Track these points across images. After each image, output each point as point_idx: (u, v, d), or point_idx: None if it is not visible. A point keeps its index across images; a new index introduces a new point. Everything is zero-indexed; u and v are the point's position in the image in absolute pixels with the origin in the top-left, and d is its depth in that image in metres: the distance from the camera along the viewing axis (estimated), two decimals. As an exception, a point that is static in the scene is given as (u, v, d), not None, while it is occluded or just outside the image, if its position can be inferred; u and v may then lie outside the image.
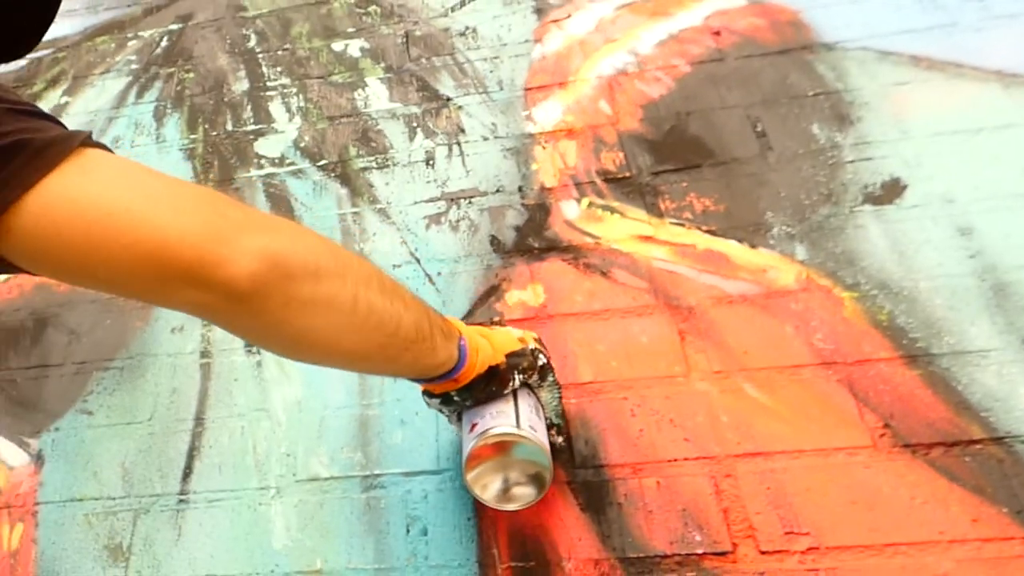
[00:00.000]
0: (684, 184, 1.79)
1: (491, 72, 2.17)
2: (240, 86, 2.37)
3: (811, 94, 1.85)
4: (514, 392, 1.31)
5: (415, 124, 2.11)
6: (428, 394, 1.26)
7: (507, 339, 1.29)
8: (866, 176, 1.69)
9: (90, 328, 1.90)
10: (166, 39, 2.60)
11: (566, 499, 1.43)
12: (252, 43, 2.49)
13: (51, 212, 0.71)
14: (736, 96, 1.90)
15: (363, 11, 2.46)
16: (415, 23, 2.37)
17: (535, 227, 1.81)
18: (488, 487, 1.32)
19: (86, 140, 0.76)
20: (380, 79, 2.25)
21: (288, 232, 0.84)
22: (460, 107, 2.11)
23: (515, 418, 1.26)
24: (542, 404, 1.38)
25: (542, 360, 1.32)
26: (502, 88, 2.12)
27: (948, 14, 1.90)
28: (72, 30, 2.73)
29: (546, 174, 1.90)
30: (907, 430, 1.37)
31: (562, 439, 1.44)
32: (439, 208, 1.91)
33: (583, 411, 1.53)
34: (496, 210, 1.87)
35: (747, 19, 2.05)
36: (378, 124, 2.13)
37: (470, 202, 1.90)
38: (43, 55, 2.65)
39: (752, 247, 1.66)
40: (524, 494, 1.34)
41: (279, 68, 2.38)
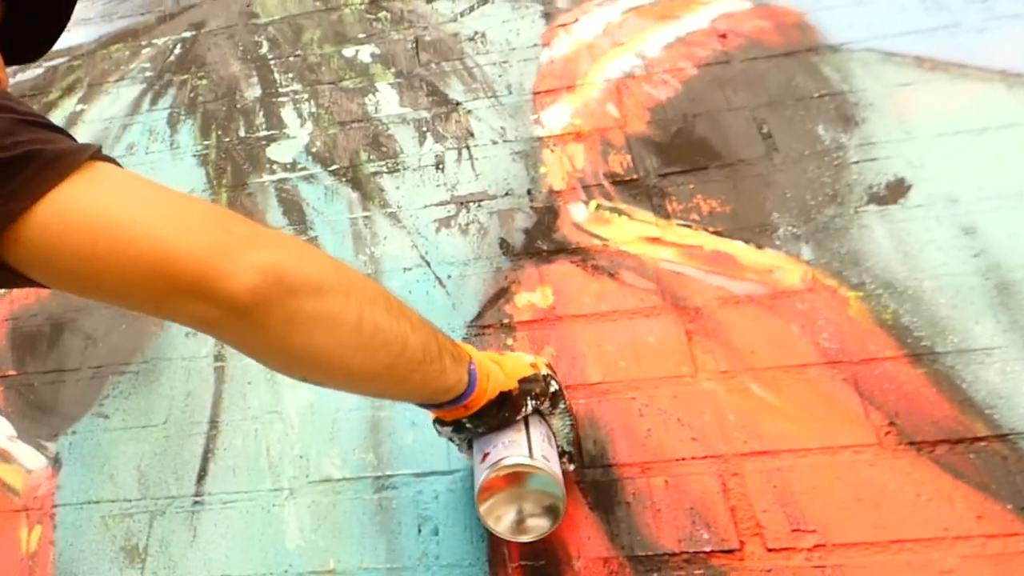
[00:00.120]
0: (691, 186, 1.79)
1: (500, 76, 2.17)
2: (252, 92, 2.38)
3: (816, 95, 1.85)
4: (526, 419, 1.29)
5: (425, 129, 2.11)
6: (439, 422, 1.23)
7: (519, 364, 1.27)
8: (871, 176, 1.70)
9: (106, 333, 1.91)
10: (179, 47, 2.62)
11: (575, 498, 1.44)
12: (264, 50, 2.50)
13: (59, 223, 0.71)
14: (742, 98, 1.90)
15: (373, 17, 2.47)
16: (425, 28, 2.38)
17: (544, 230, 1.82)
18: (502, 519, 1.29)
19: (96, 153, 0.77)
20: (390, 84, 2.26)
21: (292, 248, 0.84)
22: (469, 111, 2.12)
23: (528, 447, 1.24)
24: (554, 432, 1.36)
25: (554, 387, 1.30)
26: (511, 92, 2.13)
27: (952, 15, 1.90)
28: (87, 38, 2.75)
29: (554, 177, 1.91)
30: (912, 428, 1.38)
31: (574, 467, 1.43)
32: (449, 211, 1.92)
33: (592, 411, 1.54)
34: (505, 213, 1.88)
35: (753, 21, 2.06)
36: (388, 129, 2.15)
37: (479, 205, 1.91)
38: (58, 63, 2.67)
39: (758, 248, 1.66)
40: (538, 526, 1.31)
41: (291, 74, 2.40)
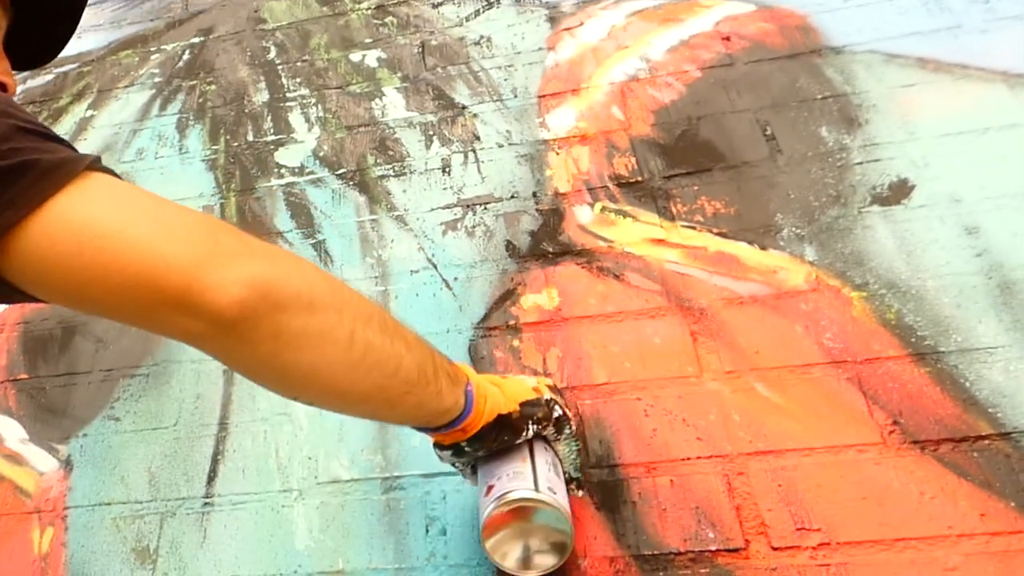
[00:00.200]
0: (695, 188, 1.80)
1: (505, 80, 2.18)
2: (260, 97, 2.40)
3: (819, 97, 1.86)
4: (530, 446, 1.27)
5: (431, 132, 2.13)
6: (439, 446, 1.20)
7: (520, 388, 1.24)
8: (874, 177, 1.70)
9: (116, 336, 1.93)
10: (188, 52, 2.64)
11: (581, 498, 1.45)
12: (272, 55, 2.52)
13: (51, 233, 0.70)
14: (746, 100, 1.91)
15: (380, 22, 2.49)
16: (431, 33, 2.40)
17: (549, 232, 1.83)
18: (508, 555, 1.26)
19: (93, 163, 0.76)
20: (397, 88, 2.28)
21: (283, 262, 0.82)
22: (475, 115, 2.13)
23: (533, 480, 1.20)
24: (560, 458, 1.34)
25: (558, 411, 1.28)
26: (516, 96, 2.14)
27: (954, 16, 1.90)
28: (96, 44, 2.77)
29: (560, 180, 1.92)
30: (916, 427, 1.38)
31: (582, 493, 1.42)
32: (455, 214, 1.93)
33: (597, 412, 1.54)
34: (511, 216, 1.89)
35: (756, 24, 2.06)
36: (395, 133, 2.16)
37: (486, 208, 1.92)
38: (68, 69, 2.70)
39: (762, 249, 1.67)
40: (545, 563, 1.27)
41: (298, 79, 2.41)
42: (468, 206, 1.94)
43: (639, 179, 1.86)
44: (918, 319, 1.50)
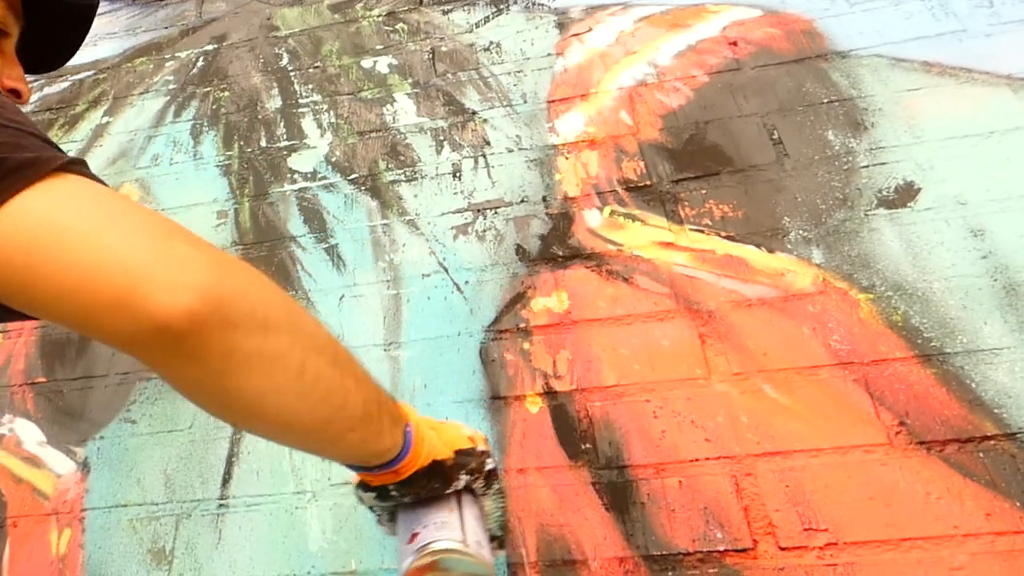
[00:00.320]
0: (703, 191, 1.81)
1: (515, 86, 2.20)
2: (273, 103, 2.41)
3: (826, 101, 1.87)
4: (458, 497, 1.15)
5: (442, 138, 2.14)
6: (363, 487, 1.08)
7: (457, 435, 1.14)
8: (880, 180, 1.71)
9: (132, 340, 1.94)
10: (202, 59, 2.66)
11: (591, 499, 1.47)
12: (284, 62, 2.54)
13: (5, 230, 0.66)
14: (753, 104, 1.92)
15: (391, 29, 2.50)
16: (441, 39, 2.41)
17: (559, 236, 1.84)
18: None
19: (68, 164, 0.73)
20: (408, 94, 2.29)
21: (241, 274, 0.76)
22: (485, 120, 2.14)
23: (461, 530, 1.11)
24: (485, 514, 1.22)
25: (490, 464, 1.17)
26: (526, 101, 2.15)
27: (958, 21, 1.91)
28: (112, 52, 2.79)
29: (569, 184, 1.93)
30: (922, 427, 1.39)
31: (503, 552, 1.33)
32: (466, 219, 1.95)
33: (607, 414, 1.56)
34: (521, 220, 1.90)
35: (763, 29, 2.07)
36: (406, 138, 2.17)
37: (496, 212, 1.93)
38: (84, 77, 2.72)
39: (770, 252, 1.68)
40: None
41: (311, 85, 2.43)
42: (479, 210, 1.95)
43: (648, 183, 1.87)
44: (924, 321, 1.51)
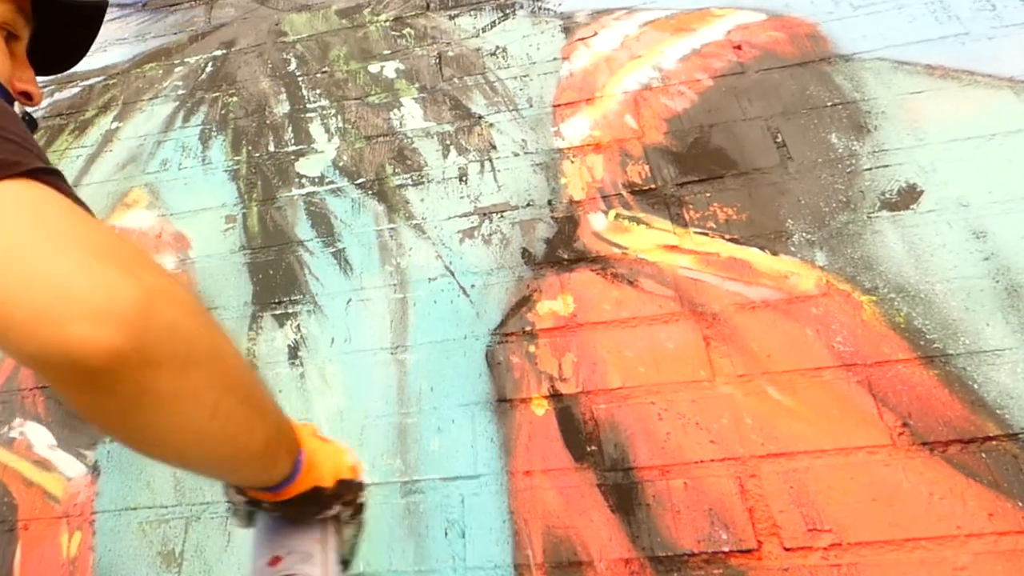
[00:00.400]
0: (708, 194, 1.82)
1: (521, 90, 2.20)
2: (281, 108, 2.43)
3: (829, 104, 1.87)
4: (325, 525, 1.10)
5: (448, 142, 2.15)
6: (237, 489, 1.00)
7: (342, 464, 1.06)
8: (883, 183, 1.72)
9: (142, 344, 1.95)
10: (211, 65, 2.67)
11: (597, 501, 1.48)
12: (292, 67, 2.55)
13: None
14: (757, 108, 1.93)
15: (398, 34, 2.51)
16: (447, 44, 2.42)
17: (564, 239, 1.85)
18: None
19: (32, 171, 0.67)
20: (414, 99, 2.30)
21: (173, 309, 0.68)
22: (491, 124, 2.15)
23: (323, 566, 1.05)
24: (344, 540, 1.16)
25: (363, 499, 1.13)
26: (531, 105, 2.16)
27: (961, 24, 1.92)
28: (122, 58, 2.81)
29: (574, 188, 1.93)
30: (925, 428, 1.40)
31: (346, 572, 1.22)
32: (472, 223, 1.95)
33: (612, 416, 1.57)
34: (527, 223, 1.91)
35: (767, 33, 2.08)
36: (413, 143, 2.18)
37: (502, 216, 1.94)
38: (94, 82, 2.74)
39: (774, 254, 1.69)
40: None
41: (318, 90, 2.44)
42: (485, 214, 1.96)
43: (652, 186, 1.87)
44: (927, 322, 1.52)
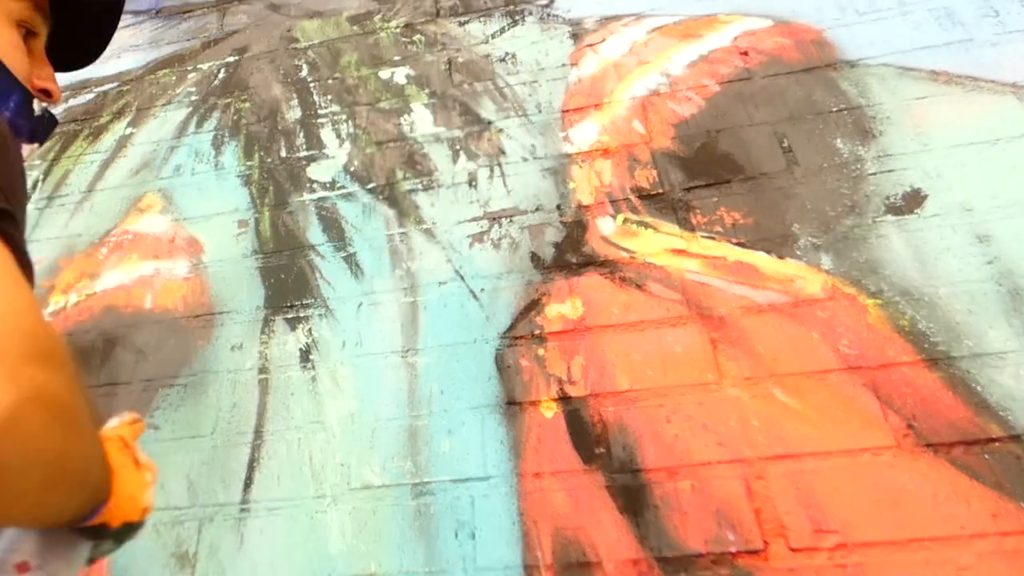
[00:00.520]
0: (715, 199, 1.83)
1: (530, 96, 2.21)
2: (293, 114, 2.44)
3: (835, 110, 1.88)
4: (82, 544, 0.95)
5: (458, 147, 2.16)
6: None
7: (137, 505, 0.93)
8: (888, 187, 1.73)
9: (156, 347, 1.99)
10: (223, 71, 2.69)
11: (606, 502, 1.49)
12: (304, 73, 2.57)
13: None
14: (763, 113, 1.94)
15: (408, 40, 2.53)
16: (457, 50, 2.43)
17: (573, 243, 1.86)
18: None
19: None
20: (425, 105, 2.31)
21: (39, 415, 0.63)
22: (501, 130, 2.16)
23: None
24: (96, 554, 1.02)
25: (129, 540, 0.97)
26: (540, 111, 2.17)
27: (965, 30, 1.92)
28: (135, 64, 2.83)
29: (583, 192, 1.95)
30: (929, 430, 1.41)
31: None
32: (482, 227, 1.97)
33: (621, 418, 1.58)
34: (536, 228, 1.92)
35: (773, 39, 2.09)
36: (423, 148, 2.20)
37: (511, 221, 1.96)
38: (108, 89, 2.76)
39: (780, 258, 1.70)
40: None
41: (329, 96, 2.46)
42: (494, 219, 1.97)
43: (660, 191, 1.89)
44: (931, 325, 1.53)
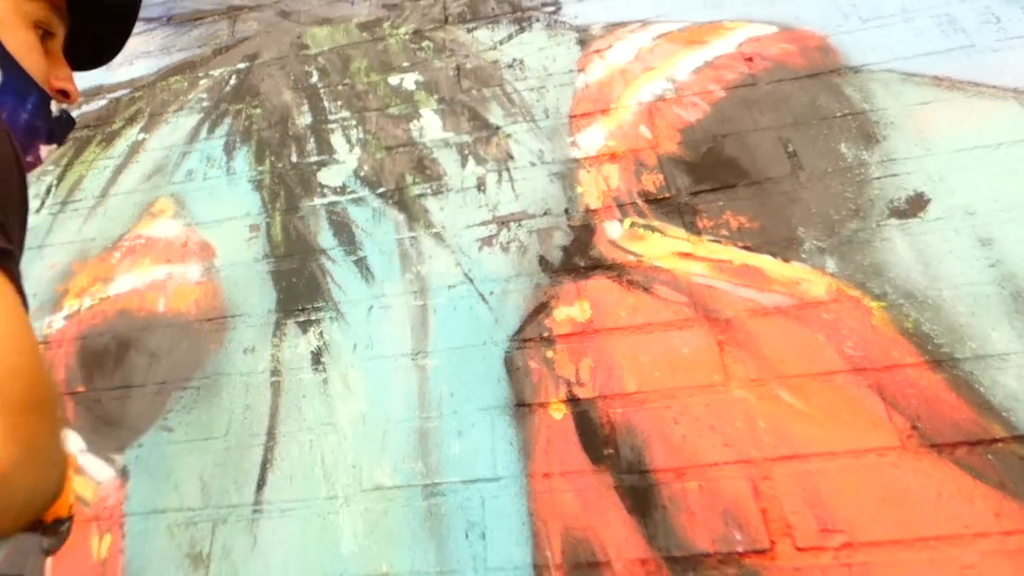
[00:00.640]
0: (720, 203, 1.84)
1: (538, 101, 2.23)
2: (304, 120, 2.46)
3: (839, 115, 1.90)
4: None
5: (467, 152, 2.18)
6: None
7: (66, 502, 0.94)
8: (892, 191, 1.74)
9: (169, 350, 2.01)
10: (235, 77, 2.71)
11: (614, 502, 1.51)
12: (314, 79, 2.59)
13: None
14: (768, 119, 1.95)
15: (417, 46, 2.55)
16: (466, 56, 2.45)
17: (581, 247, 1.88)
18: None
19: None
20: (434, 110, 2.33)
21: (39, 468, 0.66)
22: (509, 135, 2.18)
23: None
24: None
25: (64, 529, 0.99)
26: (548, 116, 2.18)
27: (967, 36, 1.93)
28: (147, 71, 2.85)
29: (590, 196, 1.96)
30: (933, 431, 1.43)
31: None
32: (490, 231, 1.99)
33: (629, 420, 1.60)
34: (544, 232, 1.94)
35: (778, 45, 2.10)
36: (432, 153, 2.21)
37: (519, 225, 1.97)
38: (121, 95, 2.78)
39: (785, 261, 1.71)
40: None
41: (339, 102, 2.47)
42: (503, 223, 1.99)
43: (666, 195, 1.90)
44: (935, 327, 1.54)
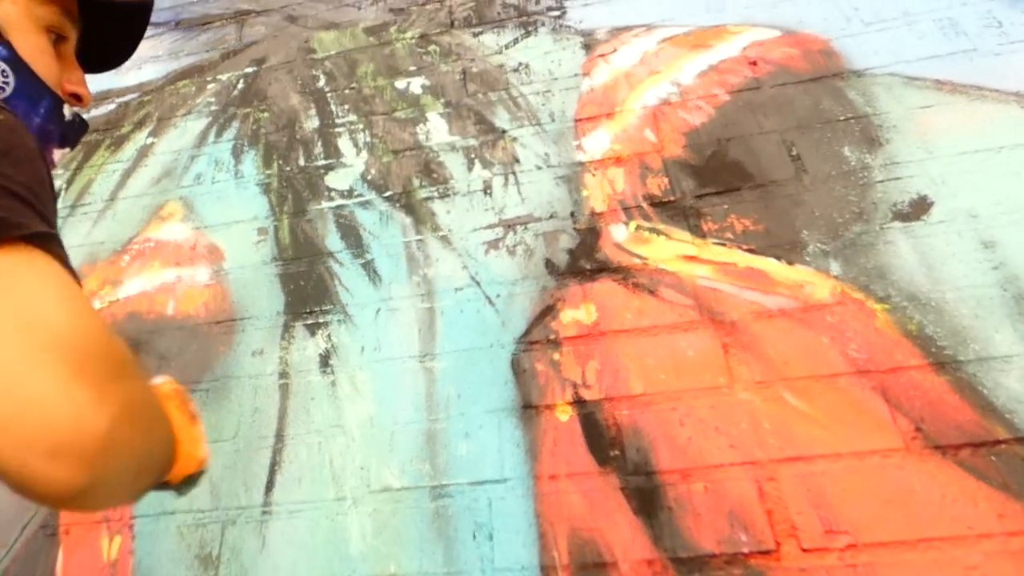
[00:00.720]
0: (725, 206, 1.85)
1: (543, 105, 2.24)
2: (311, 124, 2.47)
3: (842, 118, 1.90)
4: None
5: (473, 156, 2.19)
6: None
7: (194, 460, 0.97)
8: (895, 195, 1.75)
9: (178, 353, 2.02)
10: (242, 81, 2.72)
11: (620, 504, 1.52)
12: (321, 83, 2.60)
13: None
14: (772, 122, 1.96)
15: (423, 51, 2.56)
16: (472, 61, 2.46)
17: (587, 250, 1.89)
18: None
19: (25, 237, 0.67)
20: (440, 114, 2.34)
21: (136, 428, 0.68)
22: (515, 139, 2.19)
23: None
24: None
25: (192, 489, 1.03)
26: (554, 120, 2.19)
27: (969, 40, 1.94)
28: (156, 75, 2.87)
29: (596, 200, 1.97)
30: (937, 432, 1.44)
31: None
32: (497, 234, 2.00)
33: (635, 422, 1.61)
34: (550, 235, 1.95)
35: (781, 49, 2.11)
36: (439, 156, 2.23)
37: (526, 228, 1.98)
38: (130, 99, 2.80)
39: (789, 264, 1.72)
40: None
41: (346, 106, 2.49)
42: (509, 226, 2.00)
43: (671, 198, 1.91)
44: (938, 330, 1.55)
